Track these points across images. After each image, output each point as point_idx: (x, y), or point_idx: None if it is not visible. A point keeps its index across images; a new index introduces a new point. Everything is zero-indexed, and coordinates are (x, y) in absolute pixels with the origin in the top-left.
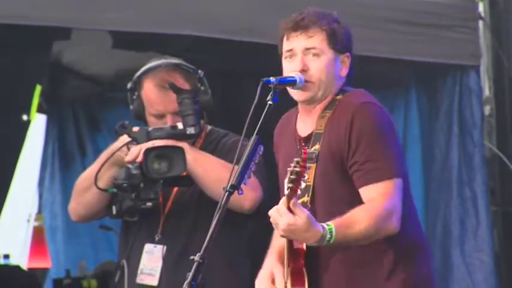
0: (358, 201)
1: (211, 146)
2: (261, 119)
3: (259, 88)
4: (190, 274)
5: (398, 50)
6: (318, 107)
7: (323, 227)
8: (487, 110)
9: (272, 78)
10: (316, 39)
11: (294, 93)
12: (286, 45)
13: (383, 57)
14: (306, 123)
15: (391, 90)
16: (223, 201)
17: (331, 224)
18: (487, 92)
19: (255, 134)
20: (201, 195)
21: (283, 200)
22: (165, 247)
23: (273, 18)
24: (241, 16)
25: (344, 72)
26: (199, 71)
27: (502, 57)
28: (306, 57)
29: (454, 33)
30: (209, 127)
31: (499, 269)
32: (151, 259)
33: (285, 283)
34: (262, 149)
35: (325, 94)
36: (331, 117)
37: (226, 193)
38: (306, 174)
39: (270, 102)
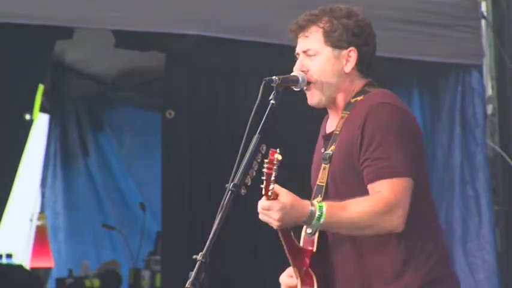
0: None
1: None
2: (264, 118)
3: (261, 87)
4: (193, 273)
5: (401, 49)
6: (338, 105)
7: (312, 203)
8: (489, 109)
9: (274, 77)
10: (312, 39)
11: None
12: (296, 48)
13: (385, 57)
14: (331, 121)
15: (393, 89)
16: (226, 200)
17: (322, 203)
18: (489, 91)
19: (257, 134)
20: None
21: (261, 200)
22: None
23: (276, 18)
24: (244, 16)
25: (348, 67)
26: None
27: (505, 57)
28: (306, 58)
29: (456, 33)
30: None
31: (501, 268)
32: None
33: (296, 283)
34: (264, 148)
35: (332, 93)
36: (347, 118)
37: (229, 192)
38: (273, 176)
39: (272, 101)
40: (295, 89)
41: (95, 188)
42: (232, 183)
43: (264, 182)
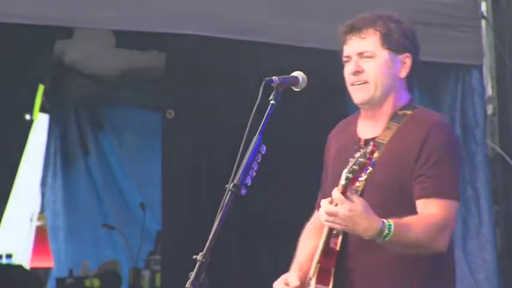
0: (407, 212)
1: None
2: (264, 119)
3: (261, 88)
4: (193, 273)
5: None
6: (383, 112)
7: (383, 222)
8: (489, 109)
9: (275, 78)
10: (369, 41)
11: (353, 95)
12: (344, 51)
13: None
14: (369, 127)
15: None
16: (226, 200)
17: (390, 221)
18: (489, 91)
19: (257, 134)
20: None
21: (336, 189)
22: None
23: (276, 18)
24: (244, 16)
25: (403, 73)
26: None
27: (505, 57)
28: (361, 60)
29: (456, 33)
30: None
31: (501, 268)
32: None
33: (310, 279)
34: (264, 149)
35: (384, 94)
36: (399, 130)
37: (229, 192)
38: (369, 168)
39: (272, 102)
40: (295, 90)
41: (95, 188)
42: (232, 184)
43: (355, 171)
